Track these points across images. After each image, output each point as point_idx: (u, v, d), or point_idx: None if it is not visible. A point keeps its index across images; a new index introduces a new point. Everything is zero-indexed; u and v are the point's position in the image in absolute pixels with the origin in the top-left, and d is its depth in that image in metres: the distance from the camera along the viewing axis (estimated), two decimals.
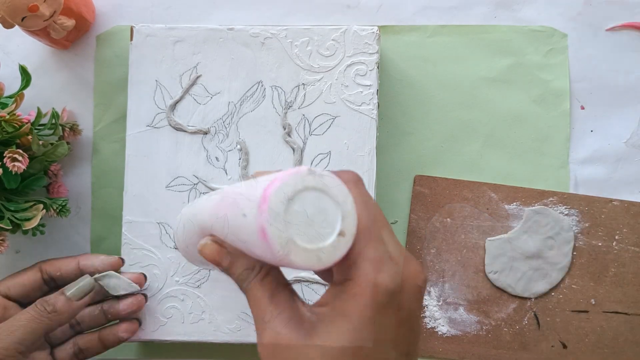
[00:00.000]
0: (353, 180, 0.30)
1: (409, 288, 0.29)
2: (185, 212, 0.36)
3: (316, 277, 0.48)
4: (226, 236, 0.31)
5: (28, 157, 0.47)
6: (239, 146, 0.49)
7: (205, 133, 0.49)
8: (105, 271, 0.46)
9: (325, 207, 0.27)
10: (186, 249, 0.36)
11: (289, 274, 0.48)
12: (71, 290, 0.44)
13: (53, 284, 0.47)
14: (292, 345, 0.28)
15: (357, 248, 0.28)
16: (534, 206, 0.52)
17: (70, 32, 0.52)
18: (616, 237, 0.52)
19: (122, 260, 0.48)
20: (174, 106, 0.49)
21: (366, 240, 0.28)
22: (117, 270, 0.47)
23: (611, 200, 0.53)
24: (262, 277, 0.31)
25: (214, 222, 0.31)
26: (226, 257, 0.32)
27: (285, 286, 0.31)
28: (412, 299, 0.29)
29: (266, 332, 0.29)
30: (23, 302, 0.46)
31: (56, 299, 0.43)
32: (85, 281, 0.44)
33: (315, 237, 0.26)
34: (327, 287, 0.30)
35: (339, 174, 0.30)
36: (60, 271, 0.46)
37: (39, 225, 0.48)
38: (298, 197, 0.26)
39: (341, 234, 0.27)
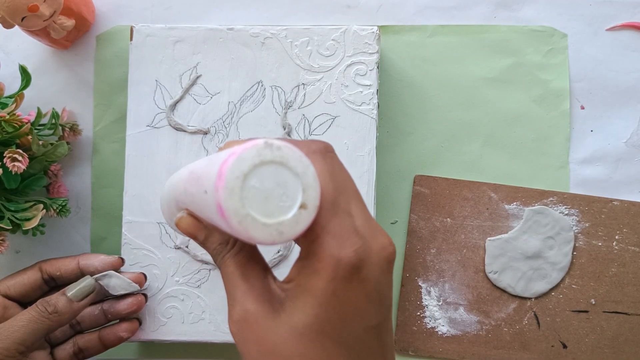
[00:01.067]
0: (320, 151, 0.30)
1: (376, 260, 0.28)
2: (167, 183, 0.35)
3: None
4: (195, 211, 0.31)
5: (28, 157, 0.47)
6: None
7: (205, 133, 0.49)
8: (105, 271, 0.46)
9: (284, 180, 0.26)
10: (169, 220, 0.36)
11: None
12: (72, 291, 0.44)
13: (53, 284, 0.47)
14: (260, 321, 0.28)
15: (321, 221, 0.28)
16: (534, 206, 0.52)
17: (70, 32, 0.52)
18: (616, 237, 0.52)
19: (122, 260, 0.48)
20: (174, 106, 0.49)
21: (330, 213, 0.28)
22: (117, 270, 0.47)
23: (611, 200, 0.53)
24: (235, 252, 0.30)
25: (184, 198, 0.31)
26: (202, 231, 0.32)
27: (258, 262, 0.31)
28: (379, 271, 0.28)
29: (236, 308, 0.29)
30: (23, 301, 0.46)
31: (57, 300, 0.43)
32: (86, 282, 0.44)
33: (274, 211, 0.26)
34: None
35: (306, 143, 0.29)
36: (60, 271, 0.46)
37: (39, 225, 0.48)
38: (255, 172, 0.25)
39: (302, 206, 0.26)
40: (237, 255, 0.30)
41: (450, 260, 0.52)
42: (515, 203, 0.53)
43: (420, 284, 0.52)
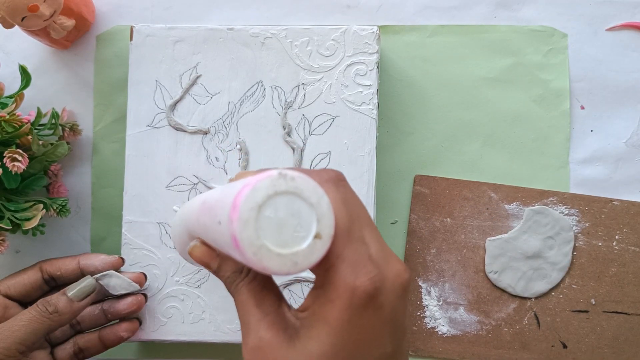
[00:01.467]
0: (332, 180, 0.30)
1: (391, 288, 0.29)
2: (178, 213, 0.36)
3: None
4: (208, 241, 0.31)
5: (28, 157, 0.47)
6: (239, 146, 0.49)
7: (205, 133, 0.49)
8: (106, 270, 0.46)
9: (299, 210, 0.26)
10: (180, 249, 0.36)
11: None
12: (73, 291, 0.44)
13: (53, 284, 0.47)
14: (275, 349, 0.28)
15: (335, 250, 0.28)
16: (534, 206, 0.52)
17: (70, 32, 0.52)
18: (616, 237, 0.52)
19: (122, 260, 0.48)
20: (174, 106, 0.49)
21: (344, 241, 0.28)
22: (118, 269, 0.47)
23: (611, 200, 0.53)
24: (249, 280, 0.31)
25: (196, 228, 0.31)
26: (215, 259, 0.32)
27: (272, 290, 0.31)
28: (394, 298, 0.29)
29: (250, 336, 0.29)
30: (23, 301, 0.46)
31: (58, 300, 0.43)
32: (86, 282, 0.44)
33: (289, 241, 0.26)
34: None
35: (318, 173, 0.30)
36: (60, 271, 0.46)
37: (39, 225, 0.48)
38: (269, 203, 0.26)
39: (317, 236, 0.26)
40: (251, 284, 0.31)
41: (450, 260, 0.52)
42: (515, 203, 0.53)
43: (420, 284, 0.52)
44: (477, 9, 0.54)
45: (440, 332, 0.52)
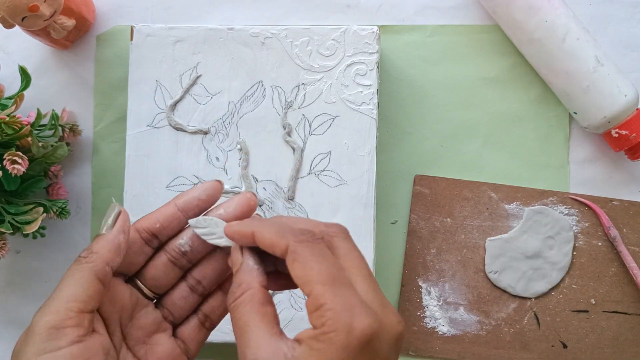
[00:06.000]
0: (309, 240, 0.32)
1: (387, 337, 0.29)
2: None
3: None
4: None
5: (28, 159, 0.46)
6: (239, 146, 0.49)
7: (206, 133, 0.49)
8: (208, 201, 0.38)
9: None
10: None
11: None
12: (102, 225, 0.36)
13: (157, 243, 0.38)
14: None
15: (321, 298, 0.29)
16: (534, 206, 0.53)
17: (71, 32, 0.52)
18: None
19: (220, 183, 0.39)
20: (174, 106, 0.49)
21: (330, 288, 0.29)
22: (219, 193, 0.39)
23: (611, 200, 0.53)
24: (254, 300, 0.32)
25: None
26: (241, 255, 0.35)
27: (273, 311, 0.32)
28: (388, 348, 0.29)
29: (251, 351, 0.30)
30: (128, 274, 0.38)
31: (91, 243, 0.36)
32: (109, 207, 0.37)
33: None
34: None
35: (298, 232, 0.32)
36: (159, 222, 0.38)
37: (39, 228, 0.48)
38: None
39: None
40: (256, 296, 0.32)
41: (450, 260, 0.53)
42: (515, 203, 0.53)
43: (420, 284, 0.52)
44: (477, 9, 0.54)
45: (440, 332, 0.52)
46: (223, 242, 0.37)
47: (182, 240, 0.37)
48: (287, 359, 0.29)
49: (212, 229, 0.37)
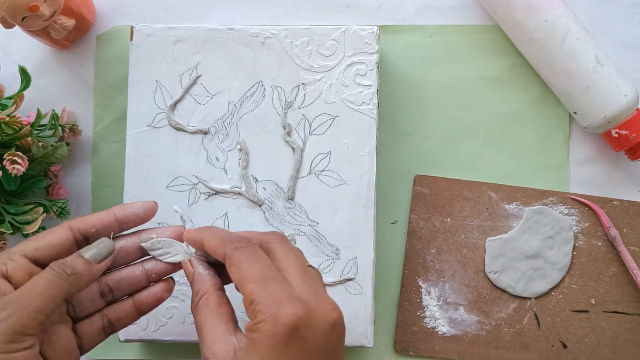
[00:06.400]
0: (246, 246, 0.37)
1: (317, 324, 0.33)
2: None
3: None
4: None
5: (28, 159, 0.47)
6: (239, 146, 0.49)
7: (206, 133, 0.49)
8: (145, 218, 0.41)
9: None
10: None
11: None
12: (90, 251, 0.38)
13: (84, 244, 0.40)
14: (219, 358, 0.34)
15: (252, 294, 0.34)
16: (534, 206, 0.53)
17: (71, 32, 0.52)
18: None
19: (156, 204, 0.42)
20: (174, 106, 0.49)
21: (260, 284, 0.34)
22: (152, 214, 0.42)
23: (611, 200, 0.53)
24: (214, 297, 0.37)
25: None
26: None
27: (229, 310, 0.37)
28: (321, 334, 0.33)
29: (206, 346, 0.35)
30: None
31: (74, 261, 0.37)
32: (104, 243, 0.39)
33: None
34: None
35: (265, 234, 0.38)
36: (95, 227, 0.40)
37: (39, 228, 0.48)
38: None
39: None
40: (211, 306, 0.37)
41: (450, 260, 0.53)
42: (515, 203, 0.53)
43: (420, 283, 0.52)
44: (477, 9, 0.54)
45: (440, 332, 0.52)
46: (178, 258, 0.41)
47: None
48: (235, 350, 0.34)
49: (167, 249, 0.41)
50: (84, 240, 0.40)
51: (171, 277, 0.43)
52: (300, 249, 0.39)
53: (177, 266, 0.41)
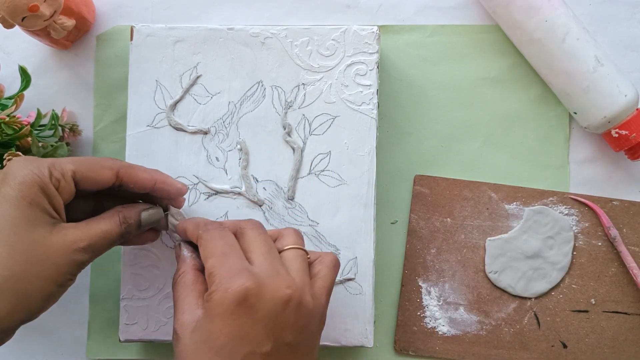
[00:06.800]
0: (220, 229, 0.41)
1: (268, 297, 0.36)
2: None
3: None
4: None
5: None
6: (239, 146, 0.49)
7: (206, 133, 0.49)
8: (173, 199, 0.45)
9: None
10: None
11: None
12: (145, 216, 0.43)
13: (117, 188, 0.43)
14: (187, 331, 0.37)
15: (211, 268, 0.37)
16: (534, 206, 0.53)
17: (71, 32, 0.52)
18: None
19: (187, 189, 0.47)
20: (174, 106, 0.49)
21: (219, 260, 0.37)
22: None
23: (611, 200, 0.53)
24: (190, 271, 0.41)
25: None
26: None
27: (202, 283, 0.40)
28: (272, 307, 0.36)
29: (177, 315, 0.38)
30: (88, 190, 0.41)
31: (133, 218, 0.42)
32: (160, 216, 0.44)
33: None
34: None
35: (242, 221, 0.42)
36: (136, 185, 0.42)
37: None
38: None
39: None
40: (186, 283, 0.40)
41: (450, 260, 0.53)
42: (515, 203, 0.53)
43: (420, 283, 0.52)
44: (477, 9, 0.54)
45: (440, 332, 0.52)
46: (176, 236, 0.47)
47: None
48: (197, 319, 0.37)
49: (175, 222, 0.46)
50: (119, 186, 0.42)
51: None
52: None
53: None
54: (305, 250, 0.41)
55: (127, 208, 0.42)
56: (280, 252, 0.40)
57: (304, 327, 0.37)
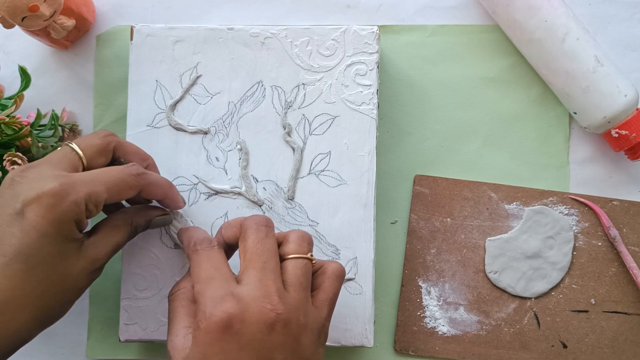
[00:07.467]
0: (205, 246, 0.40)
1: (253, 321, 0.35)
2: None
3: None
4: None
5: (27, 160, 0.47)
6: (239, 146, 0.49)
7: (205, 133, 0.49)
8: (170, 207, 0.47)
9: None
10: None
11: None
12: (156, 220, 0.46)
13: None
14: (178, 352, 0.37)
15: (197, 294, 0.37)
16: (534, 206, 0.53)
17: (71, 32, 0.52)
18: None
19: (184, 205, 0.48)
20: (174, 106, 0.49)
21: (204, 285, 0.37)
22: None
23: (611, 200, 0.53)
24: (186, 291, 0.41)
25: None
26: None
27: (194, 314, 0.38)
28: (257, 330, 0.35)
29: (172, 336, 0.38)
30: (91, 166, 0.42)
31: (142, 219, 0.44)
32: (169, 220, 0.47)
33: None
34: None
35: (247, 218, 0.41)
36: (149, 198, 0.44)
37: None
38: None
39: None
40: (183, 301, 0.40)
41: (450, 260, 0.53)
42: (515, 203, 0.53)
43: (420, 283, 0.52)
44: (477, 9, 0.54)
45: (440, 332, 0.52)
46: (176, 237, 0.47)
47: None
48: (188, 346, 0.37)
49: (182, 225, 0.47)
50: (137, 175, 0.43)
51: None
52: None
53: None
54: (309, 258, 0.40)
55: (139, 214, 0.44)
56: (283, 259, 0.39)
57: (296, 347, 0.36)
